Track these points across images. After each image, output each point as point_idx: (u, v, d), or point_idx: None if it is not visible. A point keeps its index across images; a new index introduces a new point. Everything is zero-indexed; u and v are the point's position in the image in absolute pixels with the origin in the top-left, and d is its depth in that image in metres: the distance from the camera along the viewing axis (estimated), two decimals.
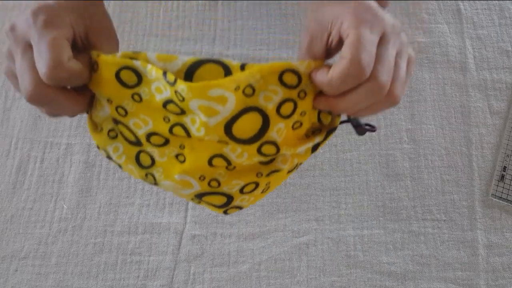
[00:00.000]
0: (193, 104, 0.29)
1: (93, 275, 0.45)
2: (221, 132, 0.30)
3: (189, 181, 0.33)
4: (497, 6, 0.58)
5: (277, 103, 0.30)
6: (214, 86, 0.28)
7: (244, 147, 0.31)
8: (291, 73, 0.29)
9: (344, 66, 0.27)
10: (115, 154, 0.35)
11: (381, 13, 0.29)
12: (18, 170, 0.50)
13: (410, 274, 0.45)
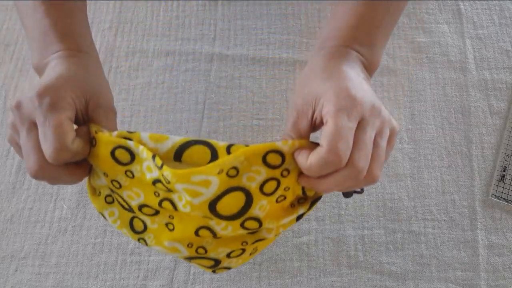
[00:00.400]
0: (178, 187, 0.30)
1: (93, 275, 0.44)
2: (205, 210, 0.31)
3: (177, 247, 0.35)
4: (497, 6, 0.58)
5: (261, 182, 0.31)
6: (196, 173, 0.29)
7: (228, 222, 0.32)
8: (275, 154, 0.31)
9: (321, 155, 0.29)
10: (111, 218, 0.37)
11: (361, 97, 0.30)
12: (18, 170, 0.50)
13: (411, 274, 0.45)
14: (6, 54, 0.56)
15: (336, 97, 0.30)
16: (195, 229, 0.34)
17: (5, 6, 0.60)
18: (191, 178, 0.30)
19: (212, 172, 0.30)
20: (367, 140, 0.30)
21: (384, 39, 0.38)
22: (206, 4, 0.59)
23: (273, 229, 0.36)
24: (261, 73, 0.54)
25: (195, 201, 0.31)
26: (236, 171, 0.30)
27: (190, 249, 0.36)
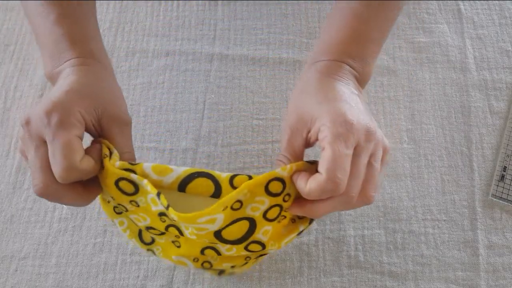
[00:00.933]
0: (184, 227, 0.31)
1: (93, 275, 0.44)
2: (211, 238, 0.32)
3: (184, 261, 0.37)
4: (497, 6, 0.58)
5: (264, 210, 0.32)
6: (202, 215, 0.30)
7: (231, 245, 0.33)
8: (276, 182, 0.31)
9: (321, 183, 0.29)
10: (121, 227, 0.38)
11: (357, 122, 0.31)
12: (18, 170, 0.49)
13: (411, 274, 0.45)
14: (6, 54, 0.56)
15: (333, 123, 0.30)
16: (201, 249, 0.35)
17: (5, 6, 0.60)
18: (197, 220, 0.30)
19: (217, 211, 0.30)
20: (361, 167, 0.31)
21: (376, 52, 0.38)
22: (206, 4, 0.59)
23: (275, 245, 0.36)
24: (261, 73, 0.54)
25: (201, 233, 0.32)
26: (240, 204, 0.31)
27: (196, 263, 0.37)
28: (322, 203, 0.32)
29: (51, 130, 0.30)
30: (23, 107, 0.53)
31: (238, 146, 0.50)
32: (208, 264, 0.37)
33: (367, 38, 0.37)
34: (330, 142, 0.30)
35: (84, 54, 0.36)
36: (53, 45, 0.36)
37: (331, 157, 0.29)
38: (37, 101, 0.53)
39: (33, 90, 0.54)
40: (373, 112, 0.52)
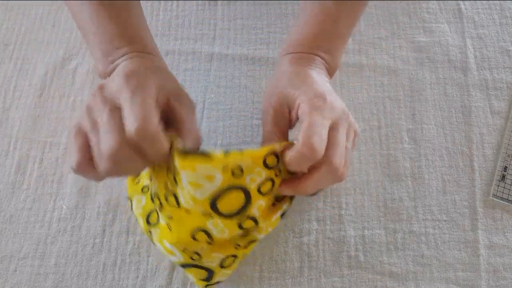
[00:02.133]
0: (183, 178, 0.31)
1: (92, 275, 0.44)
2: (206, 206, 0.33)
3: (173, 251, 0.37)
4: (497, 5, 0.58)
5: (259, 183, 0.33)
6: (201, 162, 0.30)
7: (225, 222, 0.34)
8: (272, 156, 0.33)
9: (298, 149, 0.31)
10: (136, 204, 0.40)
11: (334, 101, 0.34)
12: (17, 170, 0.49)
13: (411, 274, 0.44)
14: (5, 54, 0.56)
15: (311, 99, 0.33)
16: (192, 231, 0.35)
17: (5, 6, 0.59)
18: (195, 166, 0.30)
19: (217, 166, 0.31)
20: (340, 139, 0.33)
21: (342, 46, 0.42)
22: (205, 3, 0.59)
23: (263, 229, 0.38)
24: (261, 73, 0.54)
25: (197, 195, 0.32)
26: (241, 171, 0.32)
27: (185, 254, 0.37)
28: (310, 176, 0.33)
29: (129, 90, 0.31)
30: (23, 107, 0.53)
31: (238, 146, 0.50)
32: (197, 256, 0.37)
33: (336, 34, 0.40)
34: (307, 114, 0.32)
35: (140, 49, 0.37)
36: (108, 43, 0.36)
37: (307, 125, 0.32)
38: (37, 101, 0.53)
39: (33, 90, 0.54)
40: (373, 112, 0.52)
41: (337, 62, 0.41)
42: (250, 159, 0.31)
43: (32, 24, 0.58)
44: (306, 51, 0.39)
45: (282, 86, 0.36)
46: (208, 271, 0.39)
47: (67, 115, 0.52)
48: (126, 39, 0.36)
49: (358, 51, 0.55)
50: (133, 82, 0.31)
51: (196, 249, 0.36)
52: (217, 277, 0.40)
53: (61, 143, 0.51)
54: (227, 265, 0.39)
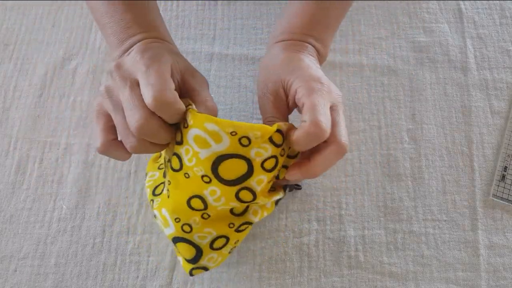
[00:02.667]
0: (191, 133, 0.32)
1: (92, 275, 0.44)
2: (208, 167, 0.33)
3: (167, 219, 0.37)
4: (498, 5, 0.58)
5: (264, 158, 0.33)
6: (210, 120, 0.31)
7: (223, 189, 0.34)
8: (278, 133, 0.33)
9: (306, 128, 0.31)
10: (149, 178, 0.42)
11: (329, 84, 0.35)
12: (17, 170, 0.49)
13: (411, 274, 0.44)
14: (5, 54, 0.56)
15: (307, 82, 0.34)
16: (188, 197, 0.35)
17: (5, 6, 0.59)
18: (204, 123, 0.31)
19: (225, 128, 0.31)
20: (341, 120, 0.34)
21: (331, 38, 0.42)
22: (205, 3, 0.59)
23: (258, 212, 0.38)
24: None
25: (201, 154, 0.32)
26: (248, 141, 0.32)
27: (177, 225, 0.37)
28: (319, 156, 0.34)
29: (144, 64, 0.32)
30: (23, 107, 0.53)
31: None
32: (188, 228, 0.37)
33: (326, 23, 0.41)
34: (308, 95, 0.33)
35: (155, 35, 0.38)
36: (124, 31, 0.37)
37: (311, 105, 0.32)
38: (37, 101, 0.53)
39: (33, 90, 0.54)
40: (373, 112, 0.52)
41: (327, 51, 0.42)
42: (259, 132, 0.32)
43: (32, 24, 0.58)
44: (297, 38, 0.39)
45: (277, 72, 0.37)
46: (197, 249, 0.38)
47: (67, 115, 0.52)
48: (141, 27, 0.38)
49: (358, 51, 0.55)
50: (147, 55, 0.32)
51: (189, 220, 0.36)
52: (204, 258, 0.38)
53: (61, 143, 0.51)
54: (217, 247, 0.38)
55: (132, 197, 0.48)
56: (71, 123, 0.52)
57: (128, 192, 0.48)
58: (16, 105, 0.53)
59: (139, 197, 0.48)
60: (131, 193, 0.48)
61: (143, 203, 0.47)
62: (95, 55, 0.55)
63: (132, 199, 0.48)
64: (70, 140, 0.51)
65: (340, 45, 0.56)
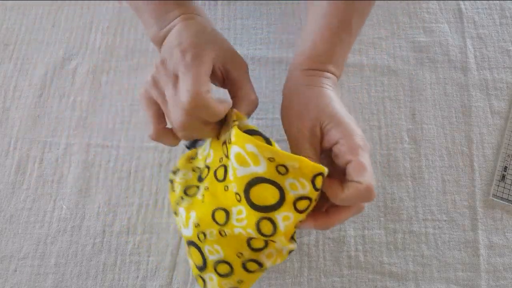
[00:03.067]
0: (233, 150, 0.33)
1: (92, 275, 0.44)
2: (241, 186, 0.33)
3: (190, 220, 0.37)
4: (498, 5, 0.58)
5: (298, 196, 0.33)
6: (250, 141, 0.32)
7: (249, 212, 0.34)
8: (320, 177, 0.33)
9: (360, 191, 0.32)
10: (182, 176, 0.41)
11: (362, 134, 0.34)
12: (17, 170, 0.49)
13: (411, 274, 0.44)
14: (5, 54, 0.56)
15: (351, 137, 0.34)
16: (217, 207, 0.36)
17: (5, 6, 0.59)
18: (245, 144, 0.32)
19: (264, 152, 0.31)
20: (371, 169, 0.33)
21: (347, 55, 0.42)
22: (205, 3, 0.59)
23: (273, 256, 0.37)
24: (261, 73, 0.54)
25: (239, 171, 0.33)
26: (286, 170, 0.32)
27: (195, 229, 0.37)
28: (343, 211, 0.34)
29: (185, 64, 0.33)
30: (23, 107, 0.53)
31: None
32: (203, 236, 0.37)
33: (348, 45, 0.40)
34: (355, 153, 0.33)
35: (190, 11, 0.39)
36: (158, 8, 0.38)
37: (362, 166, 0.32)
38: (37, 101, 0.53)
39: (33, 90, 0.54)
40: (373, 112, 0.52)
41: (341, 71, 0.41)
42: (297, 163, 0.32)
43: (32, 24, 0.58)
44: (319, 68, 0.39)
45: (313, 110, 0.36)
46: (204, 260, 0.38)
47: (67, 115, 0.52)
48: (174, 2, 0.38)
49: (358, 51, 0.55)
50: (188, 56, 0.34)
51: (206, 230, 0.36)
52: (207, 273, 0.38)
53: (61, 143, 0.51)
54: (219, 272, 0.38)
55: (132, 197, 0.48)
56: (71, 123, 0.52)
57: (128, 192, 0.48)
58: (16, 105, 0.53)
59: (139, 197, 0.48)
60: (131, 193, 0.48)
61: (143, 203, 0.47)
62: (95, 55, 0.55)
63: (132, 199, 0.47)
64: (70, 140, 0.51)
65: None
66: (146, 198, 0.47)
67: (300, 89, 0.39)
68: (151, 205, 0.47)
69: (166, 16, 0.38)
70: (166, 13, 0.38)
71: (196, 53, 0.34)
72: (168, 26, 0.38)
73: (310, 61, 0.39)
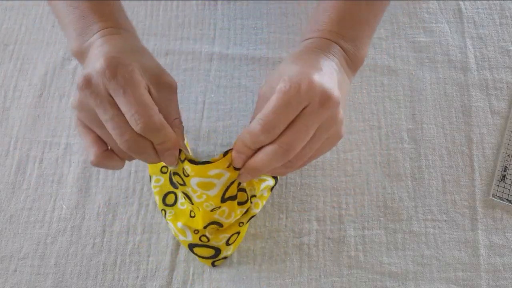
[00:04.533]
0: (194, 181, 0.34)
1: (92, 275, 0.44)
2: (218, 200, 0.36)
3: (185, 231, 0.41)
4: (498, 5, 0.58)
5: None
6: (213, 167, 0.33)
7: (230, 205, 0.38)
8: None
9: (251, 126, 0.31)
10: (155, 183, 0.45)
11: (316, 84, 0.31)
12: (17, 170, 0.49)
13: (411, 274, 0.44)
14: (5, 54, 0.56)
15: (291, 77, 0.30)
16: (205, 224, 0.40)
17: (4, 6, 0.59)
18: (207, 172, 0.33)
19: (224, 165, 0.33)
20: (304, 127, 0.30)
21: (368, 35, 0.38)
22: (205, 3, 0.59)
23: (259, 203, 0.43)
24: (261, 73, 0.54)
25: (210, 192, 0.35)
26: None
27: (195, 236, 0.41)
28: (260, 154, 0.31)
29: (120, 85, 0.29)
30: (23, 107, 0.53)
31: None
32: (206, 239, 0.41)
33: (360, 19, 0.37)
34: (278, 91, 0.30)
35: (114, 25, 0.35)
36: (81, 20, 0.35)
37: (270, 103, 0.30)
38: (37, 101, 0.53)
39: (32, 90, 0.54)
40: (373, 112, 0.52)
41: (361, 53, 0.37)
42: None
43: (32, 24, 0.58)
44: (323, 36, 0.36)
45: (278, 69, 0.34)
46: (215, 249, 0.42)
47: (67, 115, 0.52)
48: (98, 15, 0.35)
49: None
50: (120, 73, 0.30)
51: (206, 233, 0.41)
52: (223, 254, 0.43)
53: (61, 143, 0.51)
54: (232, 242, 0.43)
55: (132, 197, 0.48)
56: (71, 123, 0.52)
57: (128, 192, 0.48)
58: (16, 105, 0.53)
59: (139, 197, 0.48)
60: (131, 193, 0.48)
61: (143, 203, 0.47)
62: None
63: (132, 199, 0.47)
64: (70, 140, 0.51)
65: None
66: (146, 198, 0.47)
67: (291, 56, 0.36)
68: (151, 205, 0.47)
69: (88, 29, 0.35)
70: (88, 27, 0.35)
71: (126, 70, 0.30)
72: (90, 40, 0.34)
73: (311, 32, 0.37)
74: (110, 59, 0.30)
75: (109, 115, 0.30)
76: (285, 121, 0.30)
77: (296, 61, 0.34)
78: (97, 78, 0.30)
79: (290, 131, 0.30)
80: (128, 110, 0.29)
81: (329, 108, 0.30)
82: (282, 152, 0.30)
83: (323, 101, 0.30)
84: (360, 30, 0.37)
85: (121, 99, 0.30)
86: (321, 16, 0.37)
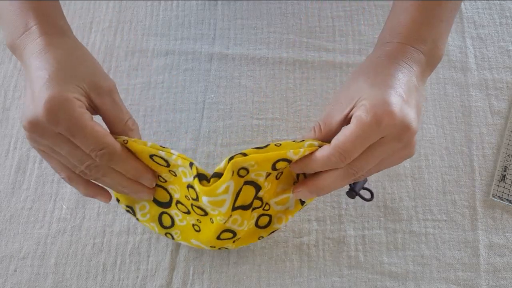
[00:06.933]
0: (204, 199, 0.34)
1: (92, 275, 0.44)
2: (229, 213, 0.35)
3: (201, 246, 0.41)
4: (498, 5, 0.58)
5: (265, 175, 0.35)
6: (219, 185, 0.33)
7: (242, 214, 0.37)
8: (284, 162, 0.33)
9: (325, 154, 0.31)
10: (141, 211, 0.41)
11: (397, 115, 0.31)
12: (17, 170, 0.49)
13: (411, 274, 0.44)
14: (5, 54, 0.56)
15: (373, 107, 0.29)
16: (218, 233, 0.38)
17: None
18: (216, 191, 0.33)
19: (228, 177, 0.32)
20: (376, 157, 0.31)
21: (446, 33, 0.36)
22: (205, 3, 0.59)
23: (282, 218, 0.41)
24: (261, 73, 0.54)
25: (222, 209, 0.35)
26: (246, 171, 0.34)
27: (213, 249, 0.42)
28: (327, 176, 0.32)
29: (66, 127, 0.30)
30: (23, 107, 0.53)
31: (238, 146, 0.50)
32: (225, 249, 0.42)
33: (439, 17, 0.35)
34: (360, 122, 0.29)
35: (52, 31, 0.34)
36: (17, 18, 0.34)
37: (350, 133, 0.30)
38: None
39: None
40: None
41: (439, 54, 0.36)
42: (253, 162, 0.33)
43: None
44: (402, 40, 0.35)
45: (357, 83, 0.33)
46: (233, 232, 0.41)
47: None
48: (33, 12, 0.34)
49: (358, 51, 0.55)
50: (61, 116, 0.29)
51: (223, 245, 0.40)
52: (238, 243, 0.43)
53: None
54: None
55: None
56: None
57: None
58: (16, 105, 0.53)
59: None
60: None
61: None
62: (95, 55, 0.55)
63: None
64: None
65: (340, 45, 0.56)
66: None
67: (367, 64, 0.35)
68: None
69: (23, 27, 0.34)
70: (24, 25, 0.34)
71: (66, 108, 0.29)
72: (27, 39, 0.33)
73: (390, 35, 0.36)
74: (51, 102, 0.29)
75: (65, 150, 0.31)
76: (361, 150, 0.30)
77: (374, 77, 0.33)
78: (43, 123, 0.30)
79: (362, 157, 0.31)
80: (85, 148, 0.31)
81: (405, 139, 0.31)
82: (350, 175, 0.32)
83: (402, 133, 0.30)
84: (440, 28, 0.36)
85: (73, 139, 0.30)
86: (402, 16, 0.36)
